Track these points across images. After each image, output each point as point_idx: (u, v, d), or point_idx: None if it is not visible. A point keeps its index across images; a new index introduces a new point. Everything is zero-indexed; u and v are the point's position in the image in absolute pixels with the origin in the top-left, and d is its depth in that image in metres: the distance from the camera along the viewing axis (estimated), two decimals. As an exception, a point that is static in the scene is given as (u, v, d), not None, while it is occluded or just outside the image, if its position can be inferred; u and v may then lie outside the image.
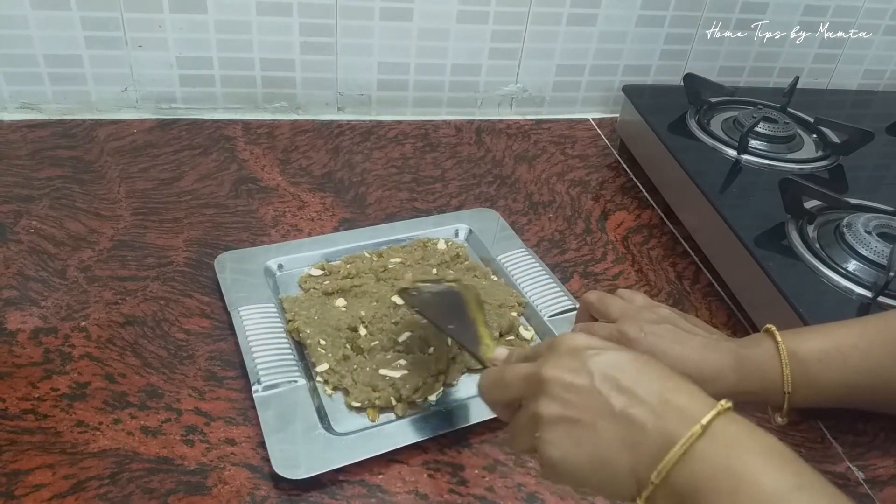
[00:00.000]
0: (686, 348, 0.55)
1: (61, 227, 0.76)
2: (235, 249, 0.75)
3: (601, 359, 0.42)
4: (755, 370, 0.55)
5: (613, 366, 0.42)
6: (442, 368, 0.64)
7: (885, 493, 0.60)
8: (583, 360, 0.42)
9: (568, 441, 0.41)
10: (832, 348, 0.55)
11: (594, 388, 0.41)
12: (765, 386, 0.55)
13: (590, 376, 0.41)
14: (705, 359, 0.55)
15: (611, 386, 0.41)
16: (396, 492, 0.56)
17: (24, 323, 0.65)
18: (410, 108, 1.05)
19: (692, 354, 0.55)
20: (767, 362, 0.55)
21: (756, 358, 0.55)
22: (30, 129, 0.91)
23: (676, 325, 0.57)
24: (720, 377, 0.54)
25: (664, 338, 0.56)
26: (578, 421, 0.41)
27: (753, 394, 0.55)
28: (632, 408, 0.40)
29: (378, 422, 0.61)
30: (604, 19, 1.03)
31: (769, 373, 0.55)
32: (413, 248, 0.78)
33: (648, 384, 0.41)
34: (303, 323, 0.67)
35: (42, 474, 0.54)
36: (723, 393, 0.50)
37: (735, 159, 0.88)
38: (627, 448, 0.39)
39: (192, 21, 0.92)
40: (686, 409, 0.39)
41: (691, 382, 0.42)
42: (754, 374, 0.55)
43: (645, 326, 0.56)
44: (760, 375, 0.55)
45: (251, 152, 0.92)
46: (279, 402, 0.60)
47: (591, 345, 0.44)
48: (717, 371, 0.54)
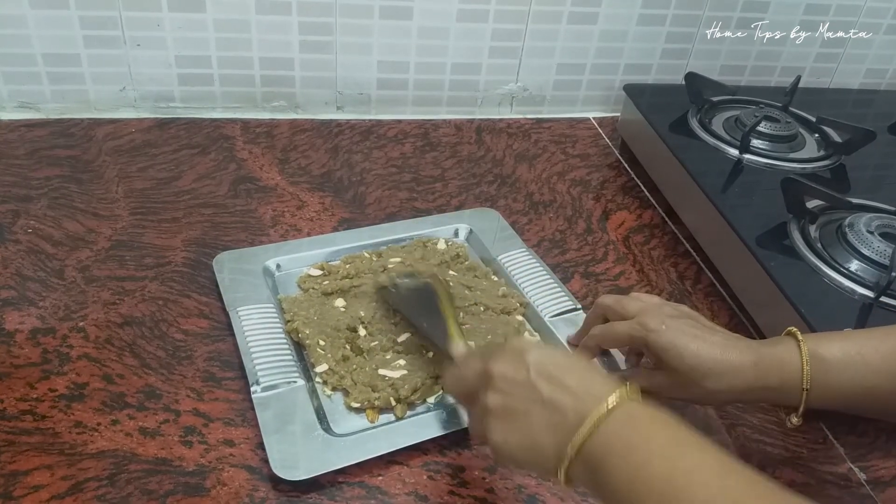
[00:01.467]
0: (706, 343, 0.56)
1: (59, 226, 0.76)
2: (234, 249, 0.75)
3: (538, 353, 0.48)
4: (774, 367, 0.55)
5: (548, 360, 0.47)
6: (440, 371, 0.64)
7: (887, 495, 0.60)
8: (523, 356, 0.48)
9: (507, 428, 0.47)
10: (854, 350, 0.56)
11: (529, 380, 0.46)
12: (783, 383, 0.55)
13: (526, 370, 0.47)
14: (725, 354, 0.55)
15: (543, 377, 0.46)
16: (396, 493, 0.56)
17: (21, 323, 0.65)
18: (410, 108, 1.05)
19: (712, 350, 0.55)
20: (787, 359, 0.55)
21: (776, 355, 0.56)
22: (28, 128, 0.90)
23: (697, 321, 0.59)
24: (739, 372, 0.55)
25: (684, 332, 0.56)
26: (515, 409, 0.47)
27: (772, 390, 0.56)
28: (557, 394, 0.45)
29: (377, 423, 0.60)
30: (605, 18, 1.02)
31: (789, 370, 0.55)
32: (413, 248, 0.77)
33: (574, 375, 0.46)
34: (302, 323, 0.66)
35: (40, 475, 0.53)
36: (741, 388, 0.55)
37: (737, 159, 0.88)
38: (552, 429, 0.45)
39: (190, 20, 0.91)
40: (600, 394, 0.44)
41: (613, 379, 0.46)
42: (773, 370, 0.55)
43: (666, 320, 0.57)
44: (779, 372, 0.55)
45: (250, 152, 0.92)
46: (278, 402, 0.60)
47: (532, 344, 0.51)
48: (736, 366, 0.55)
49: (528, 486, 0.57)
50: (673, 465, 0.40)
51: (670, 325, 0.57)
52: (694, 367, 0.55)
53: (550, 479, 0.46)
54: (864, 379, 0.55)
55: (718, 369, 0.55)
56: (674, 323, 0.57)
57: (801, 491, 0.59)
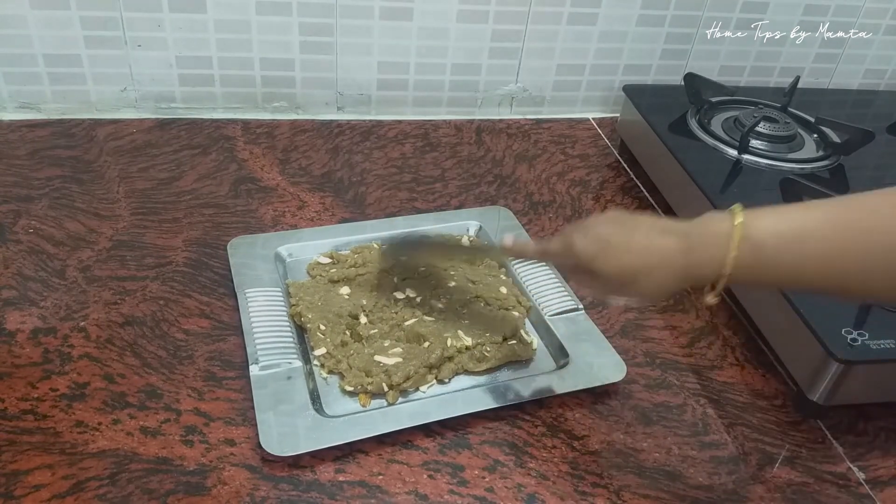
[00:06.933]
0: (633, 233, 0.53)
1: (60, 227, 0.76)
2: (249, 235, 0.77)
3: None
4: (702, 251, 0.51)
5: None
6: (434, 363, 0.64)
7: (886, 494, 0.60)
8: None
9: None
10: (792, 232, 0.50)
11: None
12: (711, 267, 0.51)
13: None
14: (652, 243, 0.52)
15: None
16: (396, 492, 0.56)
17: (23, 323, 0.65)
18: (410, 108, 1.05)
19: (639, 239, 0.52)
20: (716, 242, 0.50)
21: (705, 238, 0.51)
22: (29, 128, 0.91)
23: (621, 221, 0.55)
24: (666, 262, 0.52)
25: (607, 236, 0.53)
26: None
27: (702, 278, 0.52)
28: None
29: (369, 408, 0.62)
30: (604, 19, 1.03)
31: (716, 254, 0.50)
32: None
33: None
34: (305, 308, 0.68)
35: (41, 475, 0.53)
36: (672, 279, 0.53)
37: (736, 159, 0.88)
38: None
39: (191, 20, 0.91)
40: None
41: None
42: (702, 254, 0.51)
43: (589, 230, 0.54)
44: (707, 256, 0.51)
45: (251, 152, 0.92)
46: (274, 382, 0.61)
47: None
48: (663, 255, 0.52)
49: (528, 486, 0.58)
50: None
51: (593, 234, 0.54)
52: (622, 268, 0.52)
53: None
54: (800, 264, 0.50)
55: (645, 265, 0.52)
56: (597, 231, 0.54)
57: (800, 491, 0.60)
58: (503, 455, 0.60)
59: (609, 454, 0.61)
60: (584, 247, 0.54)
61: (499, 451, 0.60)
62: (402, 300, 0.70)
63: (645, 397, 0.67)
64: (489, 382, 0.65)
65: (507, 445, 0.60)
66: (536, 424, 0.63)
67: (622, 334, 0.73)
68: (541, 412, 0.64)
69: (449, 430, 0.61)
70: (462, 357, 0.66)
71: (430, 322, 0.68)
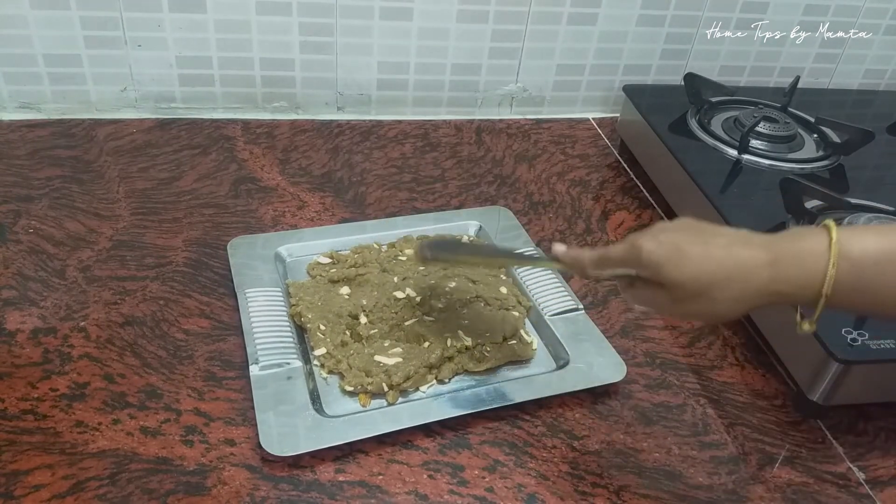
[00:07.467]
0: (708, 247, 0.48)
1: (60, 227, 0.76)
2: (249, 235, 0.76)
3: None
4: (793, 266, 0.47)
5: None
6: (434, 363, 0.64)
7: (886, 494, 0.60)
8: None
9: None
10: (892, 250, 0.46)
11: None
12: (801, 285, 0.47)
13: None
14: (732, 254, 0.48)
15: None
16: (396, 492, 0.56)
17: (23, 323, 0.65)
18: (410, 108, 1.05)
19: (716, 252, 0.48)
20: (809, 259, 0.47)
21: (797, 253, 0.47)
22: (29, 128, 0.91)
23: (697, 229, 0.51)
24: (750, 275, 0.47)
25: (680, 241, 0.49)
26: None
27: (788, 295, 0.48)
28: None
29: (369, 408, 0.62)
30: (604, 19, 1.03)
31: (809, 271, 0.46)
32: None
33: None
34: (305, 308, 0.68)
35: (41, 475, 0.53)
36: (751, 293, 0.48)
37: (736, 159, 0.88)
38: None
39: (191, 20, 0.91)
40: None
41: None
42: (791, 270, 0.47)
43: (659, 235, 0.50)
44: (798, 272, 0.47)
45: (251, 152, 0.92)
46: (274, 382, 0.61)
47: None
48: (746, 267, 0.47)
49: (528, 486, 0.58)
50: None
51: (664, 238, 0.50)
52: (696, 276, 0.48)
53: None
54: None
55: (725, 277, 0.47)
56: (668, 236, 0.50)
57: (799, 491, 0.60)
58: (503, 455, 0.60)
59: (609, 454, 0.61)
60: (652, 251, 0.49)
61: (499, 451, 0.60)
62: (402, 300, 0.70)
63: (645, 397, 0.67)
64: (489, 382, 0.65)
65: (507, 445, 0.60)
66: (536, 424, 0.63)
67: (622, 334, 0.73)
68: (541, 412, 0.64)
69: (449, 430, 0.61)
70: (462, 357, 0.66)
71: (430, 322, 0.68)
